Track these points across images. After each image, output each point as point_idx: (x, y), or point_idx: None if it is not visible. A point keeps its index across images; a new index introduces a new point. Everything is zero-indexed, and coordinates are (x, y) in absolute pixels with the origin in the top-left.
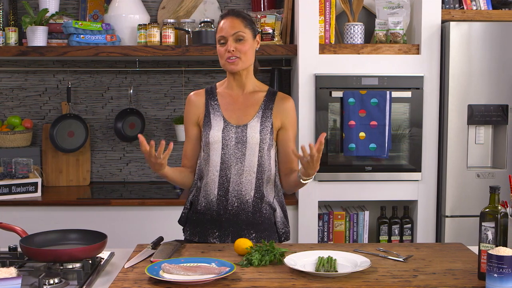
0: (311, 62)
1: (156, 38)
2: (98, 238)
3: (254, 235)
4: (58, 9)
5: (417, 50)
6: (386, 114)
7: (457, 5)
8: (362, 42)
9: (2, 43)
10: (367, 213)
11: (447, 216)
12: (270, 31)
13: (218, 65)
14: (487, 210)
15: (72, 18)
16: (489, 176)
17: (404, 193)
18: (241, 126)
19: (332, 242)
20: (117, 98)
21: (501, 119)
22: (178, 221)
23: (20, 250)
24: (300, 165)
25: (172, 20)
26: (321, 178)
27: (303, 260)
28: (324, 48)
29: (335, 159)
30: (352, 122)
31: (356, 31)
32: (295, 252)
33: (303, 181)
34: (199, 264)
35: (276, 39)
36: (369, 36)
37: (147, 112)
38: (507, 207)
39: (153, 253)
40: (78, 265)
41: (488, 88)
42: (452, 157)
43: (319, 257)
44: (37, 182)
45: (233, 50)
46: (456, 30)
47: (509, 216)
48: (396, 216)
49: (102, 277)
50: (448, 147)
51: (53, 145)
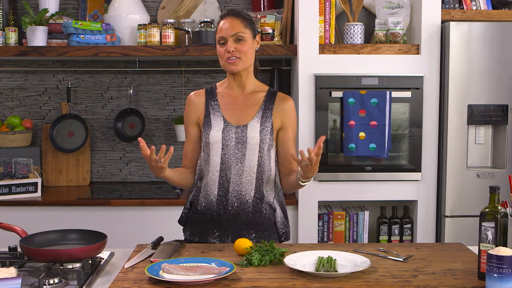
0: (311, 62)
1: (156, 38)
2: (98, 238)
3: (254, 235)
4: (58, 9)
5: (417, 50)
6: (386, 114)
7: (457, 5)
8: (362, 42)
9: (2, 43)
10: (367, 213)
11: (447, 216)
12: (270, 31)
13: (218, 65)
14: (487, 210)
15: (72, 18)
16: (489, 176)
17: (404, 193)
18: (241, 127)
19: (332, 242)
20: (117, 98)
21: (501, 119)
22: (178, 221)
23: (20, 250)
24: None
25: (172, 20)
26: (321, 178)
27: (303, 260)
28: (324, 48)
29: (335, 159)
30: (352, 122)
31: (356, 31)
32: (295, 252)
33: (302, 183)
34: (199, 264)
35: (276, 39)
36: (369, 36)
37: (147, 112)
38: (507, 207)
39: (153, 253)
40: (78, 265)
41: (488, 88)
42: (452, 157)
43: (319, 257)
44: (37, 182)
45: (233, 51)
46: (456, 30)
47: (509, 216)
48: (396, 216)
49: (102, 277)
50: (448, 147)
51: (53, 145)
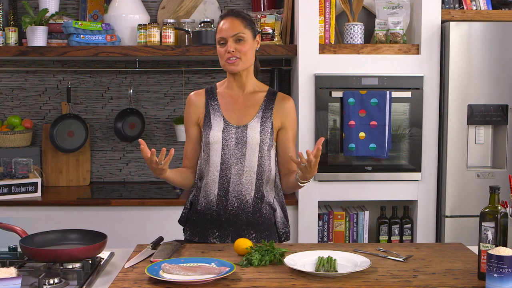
0: (311, 62)
1: (156, 38)
2: (98, 238)
3: (254, 235)
4: (58, 9)
5: (417, 50)
6: (386, 114)
7: (457, 5)
8: (362, 42)
9: (2, 43)
10: (367, 213)
11: (447, 216)
12: (270, 31)
13: (218, 65)
14: (487, 210)
15: (72, 18)
16: (489, 176)
17: (404, 193)
18: (241, 127)
19: (332, 242)
20: (117, 98)
21: (501, 119)
22: (178, 221)
23: (20, 250)
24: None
25: (172, 20)
26: (321, 178)
27: (303, 260)
28: (324, 48)
29: (335, 159)
30: (352, 122)
31: (356, 31)
32: (295, 252)
33: (301, 184)
34: (199, 264)
35: (276, 39)
36: (369, 36)
37: (147, 112)
38: (507, 207)
39: (153, 253)
40: (78, 265)
41: (488, 88)
42: (452, 157)
43: (319, 257)
44: (37, 182)
45: (233, 51)
46: (456, 30)
47: (509, 216)
48: (396, 216)
49: (102, 277)
50: (448, 147)
51: (53, 145)
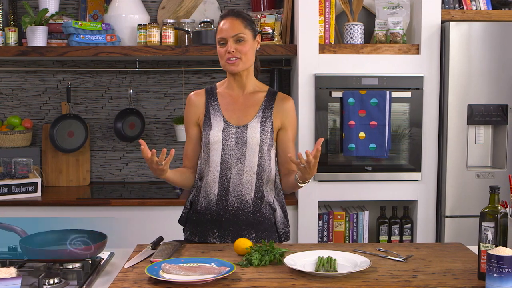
0: (311, 62)
1: (156, 38)
2: (98, 238)
3: (254, 235)
4: (58, 9)
5: (417, 50)
6: (386, 114)
7: (457, 5)
8: (362, 42)
9: (2, 43)
10: (367, 213)
11: (447, 216)
12: (270, 31)
13: (218, 65)
14: (487, 210)
15: (72, 18)
16: (489, 176)
17: (404, 193)
18: (241, 127)
19: (332, 242)
20: (117, 98)
21: (501, 119)
22: (178, 221)
23: (20, 250)
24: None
25: (172, 20)
26: (321, 178)
27: (303, 260)
28: (324, 48)
29: (335, 159)
30: (352, 122)
31: (356, 31)
32: (295, 252)
33: (300, 184)
34: (199, 264)
35: (276, 39)
36: (369, 36)
37: (147, 112)
38: (507, 207)
39: (153, 253)
40: (78, 265)
41: (488, 88)
42: (452, 157)
43: (319, 257)
44: (37, 182)
45: (233, 51)
46: (456, 30)
47: (509, 216)
48: (396, 216)
49: (102, 277)
50: (448, 147)
51: (53, 145)
